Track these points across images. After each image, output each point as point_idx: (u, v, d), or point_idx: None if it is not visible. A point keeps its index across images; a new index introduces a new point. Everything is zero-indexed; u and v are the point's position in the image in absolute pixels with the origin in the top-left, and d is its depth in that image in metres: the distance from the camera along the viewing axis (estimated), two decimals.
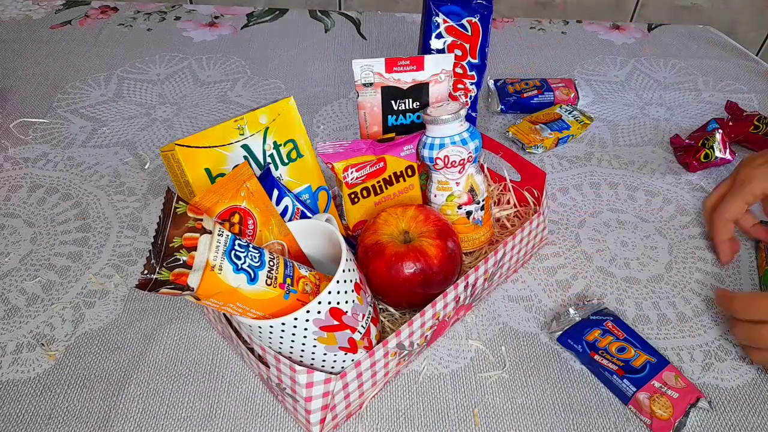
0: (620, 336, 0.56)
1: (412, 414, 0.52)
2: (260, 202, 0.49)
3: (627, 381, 0.52)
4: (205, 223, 0.41)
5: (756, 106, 0.90)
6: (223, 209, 0.46)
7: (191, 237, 0.39)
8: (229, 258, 0.41)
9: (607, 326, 0.56)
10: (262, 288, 0.42)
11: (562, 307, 0.61)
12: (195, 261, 0.39)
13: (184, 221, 0.40)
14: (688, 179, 0.77)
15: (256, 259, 0.42)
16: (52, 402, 0.52)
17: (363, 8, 1.11)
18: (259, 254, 0.43)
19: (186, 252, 0.39)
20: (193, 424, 0.51)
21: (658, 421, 0.50)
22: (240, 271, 0.41)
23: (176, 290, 0.38)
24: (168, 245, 0.38)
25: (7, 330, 0.58)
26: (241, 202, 0.47)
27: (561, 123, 0.81)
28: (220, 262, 0.40)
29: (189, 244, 0.39)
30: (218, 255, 0.40)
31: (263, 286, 0.42)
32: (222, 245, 0.41)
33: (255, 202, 0.48)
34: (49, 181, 0.74)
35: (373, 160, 0.57)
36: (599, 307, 0.59)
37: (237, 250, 0.41)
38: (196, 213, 0.41)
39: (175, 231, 0.39)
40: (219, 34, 1.04)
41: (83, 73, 0.93)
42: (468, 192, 0.58)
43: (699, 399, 0.51)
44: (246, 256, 0.42)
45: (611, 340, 0.55)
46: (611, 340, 0.55)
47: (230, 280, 0.40)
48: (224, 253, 0.41)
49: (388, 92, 0.58)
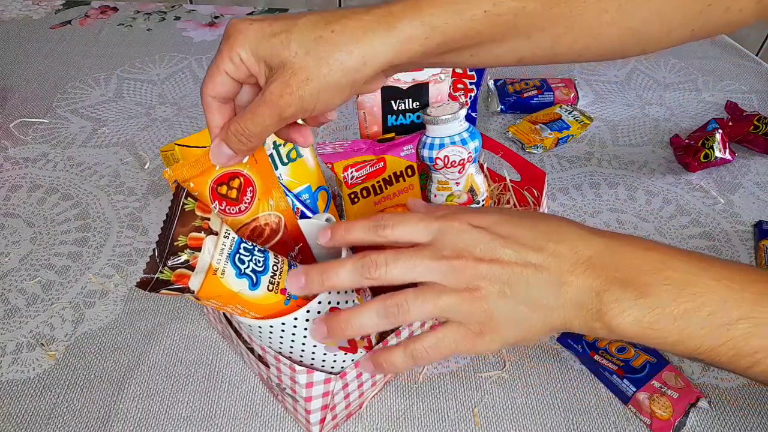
0: None
1: (412, 414, 0.52)
2: (264, 173, 0.48)
3: (627, 381, 0.52)
4: (212, 223, 0.40)
5: (756, 106, 0.90)
6: (223, 172, 0.45)
7: (197, 237, 0.39)
8: (233, 262, 0.40)
9: None
10: (263, 293, 0.42)
11: None
12: (198, 263, 0.38)
13: (191, 219, 0.39)
14: (688, 179, 0.77)
15: (260, 263, 0.42)
16: (52, 402, 0.52)
17: None
18: (263, 258, 0.42)
19: (190, 252, 0.38)
20: (193, 424, 0.51)
21: (658, 421, 0.50)
22: (243, 276, 0.40)
23: (177, 291, 0.38)
24: (173, 243, 0.38)
25: (7, 330, 0.58)
26: (243, 167, 0.46)
27: (561, 123, 0.81)
28: (223, 266, 0.40)
29: (194, 245, 0.39)
30: (222, 258, 0.40)
31: (264, 291, 0.42)
32: (227, 248, 0.40)
33: (259, 172, 0.47)
34: (49, 181, 0.74)
35: (373, 160, 0.57)
36: None
37: (242, 254, 0.41)
38: (204, 211, 0.41)
39: (182, 229, 0.39)
40: (219, 34, 1.04)
41: (83, 73, 0.93)
42: (468, 192, 0.58)
43: (699, 399, 0.51)
44: (250, 260, 0.41)
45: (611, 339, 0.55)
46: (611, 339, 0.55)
47: (232, 284, 0.40)
48: (228, 256, 0.40)
49: (388, 92, 0.58)
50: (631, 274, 0.36)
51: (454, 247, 0.38)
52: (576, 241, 0.38)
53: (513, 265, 0.37)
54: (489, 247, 0.38)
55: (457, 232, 0.39)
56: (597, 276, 0.36)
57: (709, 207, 0.73)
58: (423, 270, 0.38)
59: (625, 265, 0.36)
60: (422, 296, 0.38)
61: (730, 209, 0.73)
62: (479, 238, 0.38)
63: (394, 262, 0.38)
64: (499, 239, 0.38)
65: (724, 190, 0.76)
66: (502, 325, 0.38)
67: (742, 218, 0.72)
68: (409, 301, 0.38)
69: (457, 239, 0.39)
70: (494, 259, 0.38)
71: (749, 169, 0.79)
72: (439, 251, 0.38)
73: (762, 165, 0.79)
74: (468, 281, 0.38)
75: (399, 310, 0.38)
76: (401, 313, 0.38)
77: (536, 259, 0.37)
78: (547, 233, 0.39)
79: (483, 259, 0.38)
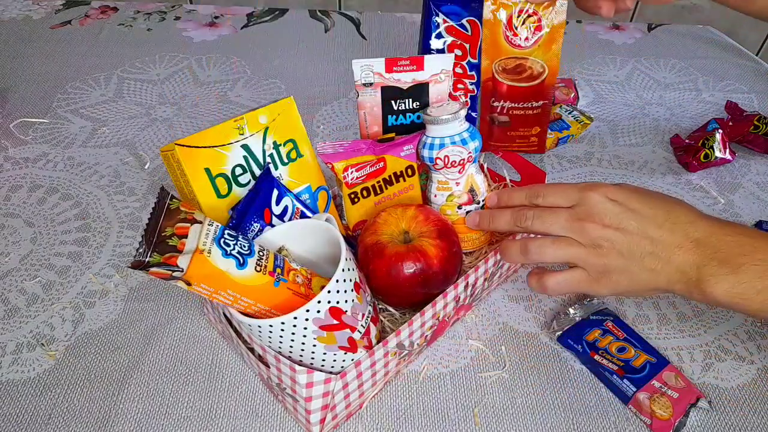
0: (620, 336, 0.56)
1: (412, 414, 0.52)
2: None
3: (627, 381, 0.52)
4: (196, 215, 0.43)
5: (756, 106, 0.90)
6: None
7: (183, 226, 0.42)
8: (218, 244, 0.42)
9: (607, 326, 0.57)
10: (251, 273, 0.43)
11: (562, 307, 0.61)
12: (185, 246, 0.41)
13: (177, 214, 0.42)
14: (688, 179, 0.77)
15: (246, 248, 0.44)
16: (52, 402, 0.52)
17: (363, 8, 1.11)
18: (248, 244, 0.44)
19: (177, 239, 0.41)
20: (193, 424, 0.51)
21: (658, 421, 0.50)
22: (229, 256, 0.42)
23: (167, 271, 0.39)
24: (160, 234, 0.40)
25: (7, 330, 0.58)
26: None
27: (561, 123, 0.81)
28: (210, 247, 0.42)
29: (181, 232, 0.41)
30: (207, 241, 0.42)
31: (252, 271, 0.43)
32: (212, 233, 0.43)
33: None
34: (49, 181, 0.74)
35: (373, 160, 0.57)
36: (599, 306, 0.59)
37: (226, 238, 0.43)
38: (189, 208, 0.43)
39: (168, 222, 0.41)
40: (219, 34, 1.04)
41: (83, 73, 0.93)
42: (468, 192, 0.58)
43: (699, 399, 0.51)
44: (235, 244, 0.43)
45: (611, 340, 0.55)
46: (611, 340, 0.55)
47: (219, 263, 0.41)
48: (213, 239, 0.42)
49: (388, 92, 0.58)
50: (728, 255, 0.44)
51: (590, 213, 0.48)
52: (687, 224, 0.46)
53: (634, 235, 0.47)
54: (618, 218, 0.47)
55: (594, 202, 0.48)
56: (701, 254, 0.45)
57: (709, 207, 0.73)
58: (560, 228, 0.49)
59: (724, 248, 0.45)
60: (558, 244, 0.49)
61: (730, 209, 0.73)
62: (611, 209, 0.48)
63: (540, 218, 0.50)
64: (627, 212, 0.48)
65: (724, 190, 0.76)
66: (615, 278, 0.48)
67: (742, 218, 0.72)
68: (547, 245, 0.50)
69: (593, 207, 0.48)
70: (620, 227, 0.47)
71: (749, 169, 0.79)
72: (577, 215, 0.49)
73: (762, 165, 0.79)
74: (594, 240, 0.48)
75: (539, 251, 0.50)
76: (539, 253, 0.50)
77: (654, 233, 0.46)
78: (667, 212, 0.47)
79: (610, 226, 0.47)
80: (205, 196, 0.50)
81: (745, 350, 0.57)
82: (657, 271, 0.46)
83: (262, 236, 0.50)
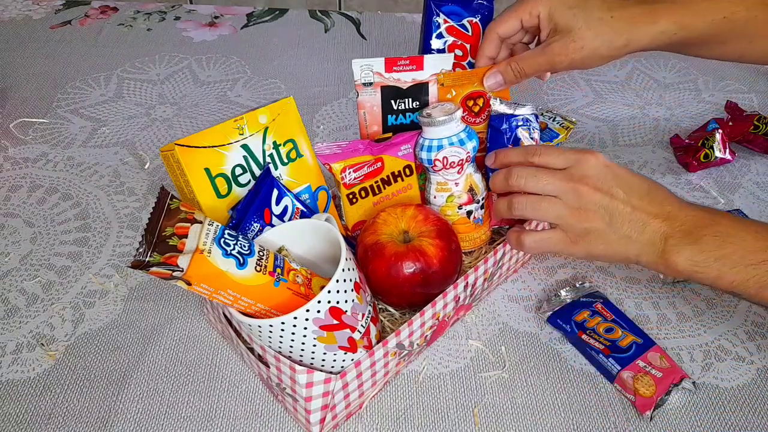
0: (609, 317, 0.57)
1: (412, 414, 0.52)
2: None
3: (612, 360, 0.53)
4: (196, 215, 0.43)
5: (756, 106, 0.90)
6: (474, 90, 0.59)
7: (183, 226, 0.42)
8: (219, 244, 0.42)
9: (596, 308, 0.58)
10: (251, 273, 0.43)
11: (553, 289, 0.62)
12: (186, 246, 0.41)
13: (176, 214, 0.42)
14: (688, 179, 0.77)
15: (246, 248, 0.44)
16: (52, 402, 0.52)
17: (363, 8, 1.11)
18: (248, 244, 0.44)
19: (177, 239, 0.41)
20: (193, 424, 0.51)
21: (641, 398, 0.51)
22: (229, 256, 0.42)
23: (167, 270, 0.39)
24: (160, 234, 0.40)
25: (7, 330, 0.58)
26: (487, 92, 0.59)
27: (550, 132, 0.81)
28: (210, 246, 0.42)
29: (180, 232, 0.41)
30: (208, 241, 0.42)
31: (252, 271, 0.43)
32: (212, 233, 0.43)
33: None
34: (49, 181, 0.74)
35: (371, 160, 0.57)
36: (591, 289, 0.60)
37: (226, 238, 0.43)
38: (189, 208, 0.43)
39: (168, 222, 0.41)
40: (219, 34, 1.04)
41: (83, 73, 0.93)
42: (468, 192, 0.58)
43: (683, 379, 0.52)
44: (235, 244, 0.43)
45: (599, 321, 0.56)
46: (599, 321, 0.56)
47: (219, 263, 0.41)
48: (214, 239, 0.42)
49: (388, 92, 0.58)
50: (691, 227, 0.48)
51: (584, 175, 0.50)
52: (664, 199, 0.50)
53: (619, 202, 0.49)
54: (609, 183, 0.50)
55: (591, 164, 0.50)
56: (669, 225, 0.48)
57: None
58: (553, 187, 0.51)
59: (689, 221, 0.48)
60: (543, 203, 0.51)
61: (730, 209, 0.73)
62: (604, 173, 0.50)
63: (534, 177, 0.51)
64: (618, 179, 0.50)
65: (724, 190, 0.76)
66: (592, 242, 0.50)
67: None
68: (533, 201, 0.51)
69: (588, 170, 0.50)
70: (610, 192, 0.49)
71: (749, 169, 0.79)
72: (571, 176, 0.50)
73: (762, 165, 0.79)
74: (582, 203, 0.50)
75: (524, 206, 0.52)
76: (523, 208, 0.52)
77: (637, 203, 0.49)
78: (649, 187, 0.51)
79: (601, 189, 0.49)
80: (205, 196, 0.51)
81: (745, 350, 0.57)
82: (632, 239, 0.49)
83: (262, 236, 0.50)
